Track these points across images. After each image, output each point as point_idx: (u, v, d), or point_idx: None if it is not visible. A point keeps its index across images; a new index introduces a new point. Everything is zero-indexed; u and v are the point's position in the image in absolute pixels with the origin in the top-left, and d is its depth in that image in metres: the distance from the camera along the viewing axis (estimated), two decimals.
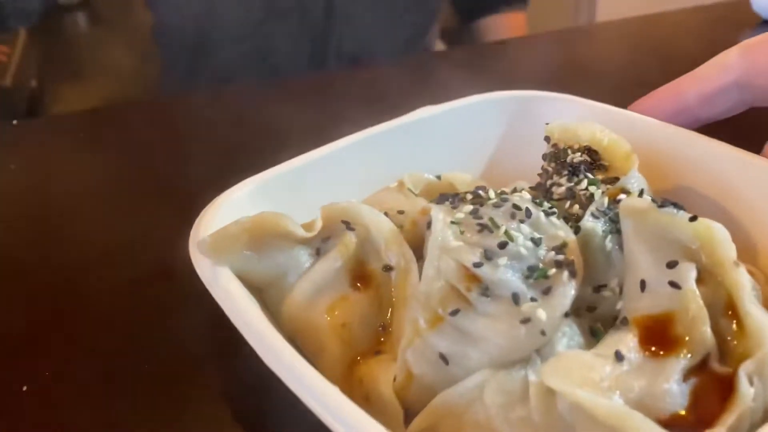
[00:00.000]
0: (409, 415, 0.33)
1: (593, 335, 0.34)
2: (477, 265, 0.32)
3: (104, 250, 0.55)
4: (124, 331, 0.47)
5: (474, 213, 0.35)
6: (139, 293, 0.50)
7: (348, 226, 0.38)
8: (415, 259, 0.37)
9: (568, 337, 0.33)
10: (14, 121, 0.83)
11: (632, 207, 0.34)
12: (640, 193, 0.36)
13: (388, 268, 0.37)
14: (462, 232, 0.34)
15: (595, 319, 0.36)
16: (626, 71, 0.92)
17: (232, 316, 0.34)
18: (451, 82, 0.79)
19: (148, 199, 0.64)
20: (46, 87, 1.83)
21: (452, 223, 0.34)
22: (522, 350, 0.32)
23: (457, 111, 0.51)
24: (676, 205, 0.33)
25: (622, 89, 0.80)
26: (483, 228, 0.34)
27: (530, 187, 0.44)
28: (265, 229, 0.37)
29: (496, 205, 0.35)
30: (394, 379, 0.33)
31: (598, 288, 0.37)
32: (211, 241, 0.36)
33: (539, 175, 0.44)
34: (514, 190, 0.46)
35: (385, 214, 0.43)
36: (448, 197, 0.36)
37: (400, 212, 0.43)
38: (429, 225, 0.35)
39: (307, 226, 0.38)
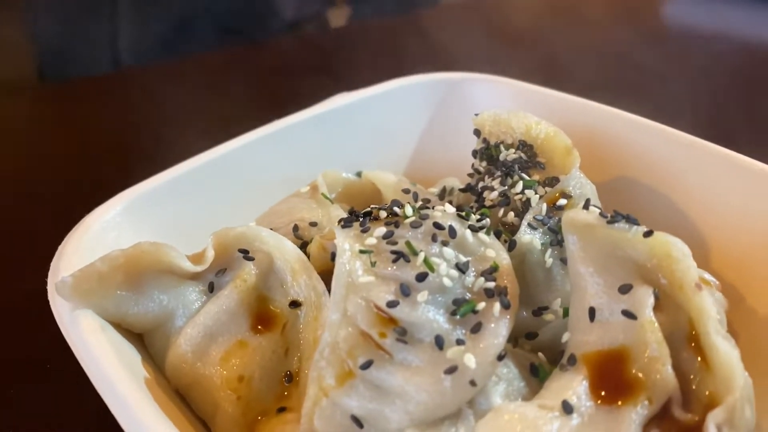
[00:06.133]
0: None
1: (535, 374, 0.29)
2: (392, 304, 0.27)
3: None
4: None
5: (388, 237, 0.29)
6: None
7: (246, 255, 0.32)
8: (327, 292, 0.31)
9: (505, 381, 0.28)
10: None
11: (577, 221, 0.28)
12: (586, 204, 0.30)
13: (295, 304, 0.31)
14: (374, 263, 0.28)
15: (536, 349, 0.31)
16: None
17: (94, 379, 0.27)
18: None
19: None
20: None
21: (361, 252, 0.28)
22: (449, 405, 0.26)
23: (377, 98, 0.45)
24: (628, 219, 0.28)
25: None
26: (398, 256, 0.28)
27: (460, 189, 0.38)
28: (143, 264, 0.30)
29: (415, 225, 0.29)
30: None
31: (539, 310, 0.32)
32: (73, 282, 0.29)
33: (469, 175, 0.38)
34: (443, 191, 0.40)
35: (295, 227, 0.37)
36: (358, 216, 0.30)
37: (313, 224, 0.37)
38: (333, 256, 0.29)
39: (197, 258, 0.32)
